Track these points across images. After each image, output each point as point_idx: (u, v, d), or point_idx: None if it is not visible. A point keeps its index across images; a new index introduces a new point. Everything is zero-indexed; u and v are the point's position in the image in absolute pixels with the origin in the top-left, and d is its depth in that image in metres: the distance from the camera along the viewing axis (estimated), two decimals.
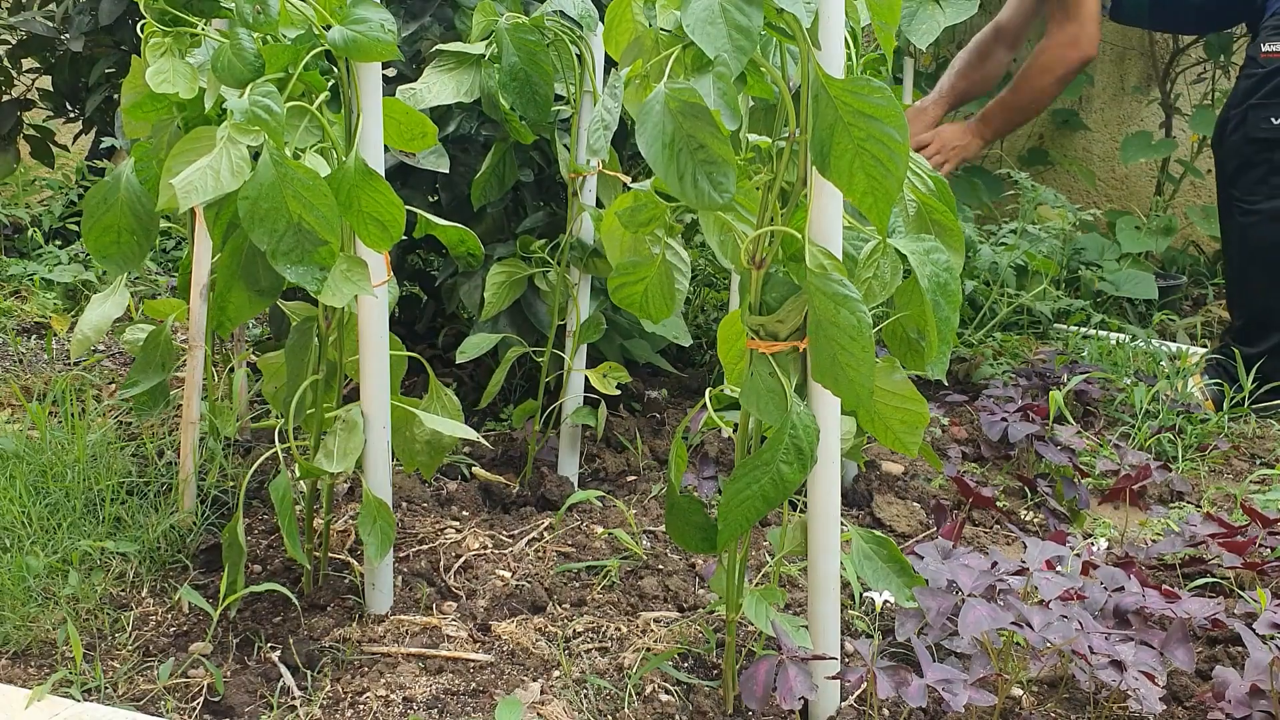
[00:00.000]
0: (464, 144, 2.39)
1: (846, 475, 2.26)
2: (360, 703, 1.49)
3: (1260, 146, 2.94)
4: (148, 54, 1.61)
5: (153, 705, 1.50)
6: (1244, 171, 2.96)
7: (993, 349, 3.14)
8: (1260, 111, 2.94)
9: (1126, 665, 1.40)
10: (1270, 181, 2.93)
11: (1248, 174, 2.96)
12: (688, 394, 2.76)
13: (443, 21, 2.42)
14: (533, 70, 1.95)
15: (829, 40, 1.24)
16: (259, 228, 1.38)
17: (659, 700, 1.52)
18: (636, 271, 1.51)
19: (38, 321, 3.20)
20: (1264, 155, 2.93)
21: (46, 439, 2.07)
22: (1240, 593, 1.81)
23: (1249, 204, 2.95)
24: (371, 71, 1.53)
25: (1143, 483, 2.24)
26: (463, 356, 2.12)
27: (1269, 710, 1.41)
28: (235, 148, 1.38)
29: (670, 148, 1.17)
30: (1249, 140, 2.95)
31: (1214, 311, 3.86)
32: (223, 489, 2.03)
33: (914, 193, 1.39)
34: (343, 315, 1.67)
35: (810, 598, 1.45)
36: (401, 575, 1.81)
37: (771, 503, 1.29)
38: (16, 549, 1.76)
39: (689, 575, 1.87)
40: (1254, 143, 2.95)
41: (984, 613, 1.41)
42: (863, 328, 1.21)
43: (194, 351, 1.94)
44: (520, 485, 2.21)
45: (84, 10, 3.33)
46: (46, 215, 3.90)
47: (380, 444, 1.64)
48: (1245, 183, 2.95)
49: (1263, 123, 2.93)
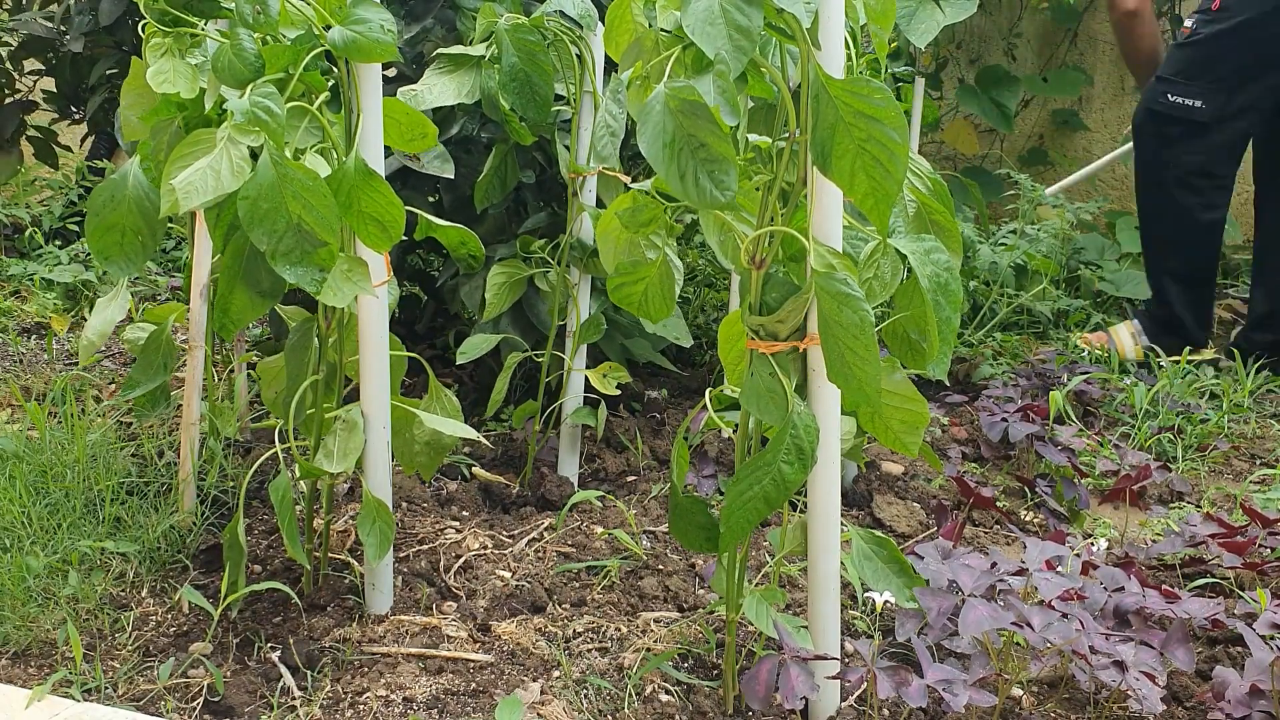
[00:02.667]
0: (467, 145, 2.39)
1: (846, 475, 2.26)
2: (360, 703, 1.49)
3: (1157, 119, 3.05)
4: (148, 54, 1.61)
5: (153, 705, 1.50)
6: (1143, 142, 3.09)
7: (993, 349, 3.14)
8: (1160, 85, 3.05)
9: (1127, 665, 1.40)
10: (1161, 156, 3.05)
11: (1146, 144, 3.09)
12: (688, 394, 2.77)
13: (444, 24, 2.42)
14: (533, 71, 1.95)
15: (829, 40, 1.24)
16: (258, 228, 1.38)
17: (659, 700, 1.52)
18: (636, 272, 1.51)
19: (38, 321, 3.20)
20: (1160, 128, 3.05)
21: (46, 439, 2.07)
22: (1240, 593, 1.81)
23: (1139, 176, 3.11)
24: (371, 72, 1.53)
25: (1143, 483, 2.24)
26: (463, 358, 2.13)
27: (1269, 710, 1.41)
28: (236, 148, 1.38)
29: (671, 147, 1.17)
30: (1149, 111, 3.07)
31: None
32: (223, 489, 2.03)
33: (913, 193, 1.39)
34: (343, 316, 1.67)
35: (810, 598, 1.45)
36: (401, 575, 1.81)
37: (773, 503, 1.30)
38: (16, 549, 1.76)
39: (689, 575, 1.87)
40: (1153, 114, 3.06)
41: (984, 613, 1.41)
42: (865, 326, 1.21)
43: (194, 352, 1.94)
44: (520, 485, 2.21)
45: (84, 11, 3.33)
46: (47, 215, 3.90)
47: (380, 444, 1.64)
48: (1143, 152, 3.09)
49: (1160, 97, 3.04)
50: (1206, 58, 2.99)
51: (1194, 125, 3.01)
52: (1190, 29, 3.04)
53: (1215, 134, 3.02)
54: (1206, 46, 2.99)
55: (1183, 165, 3.05)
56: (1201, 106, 2.99)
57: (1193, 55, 3.02)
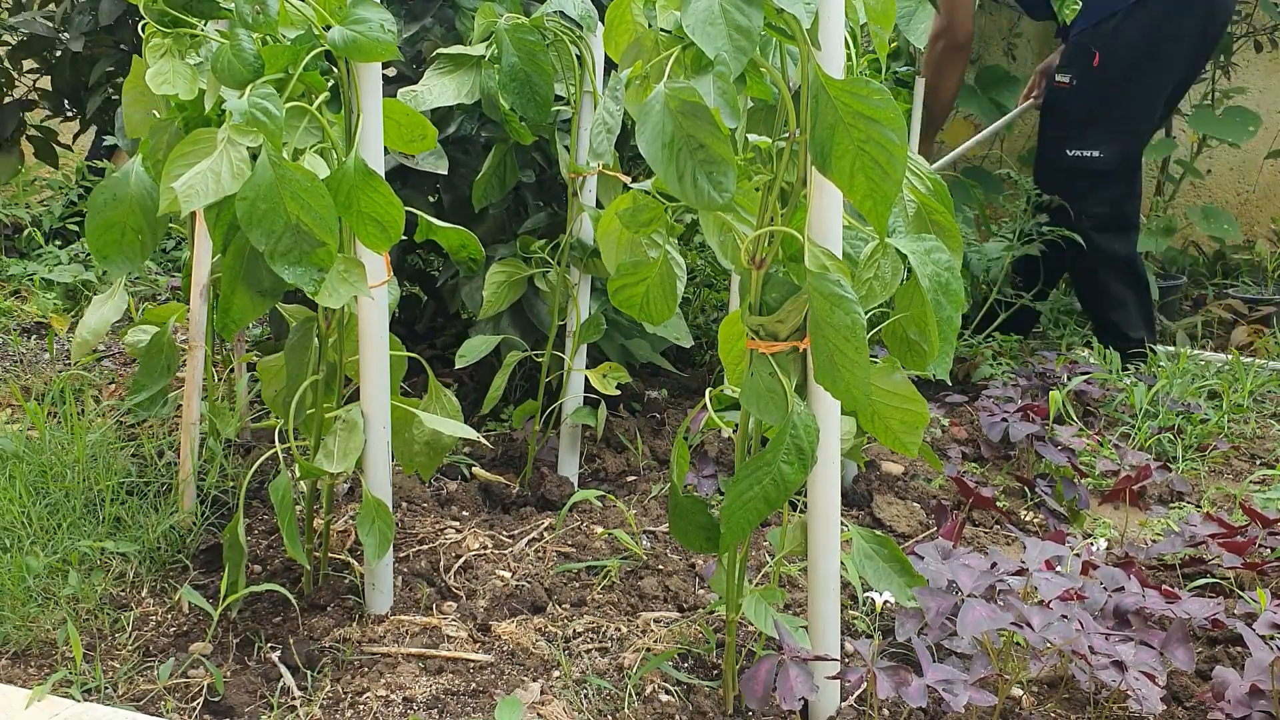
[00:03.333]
0: (464, 145, 2.39)
1: (846, 475, 2.26)
2: (360, 703, 1.49)
3: (1064, 175, 3.12)
4: (148, 55, 1.61)
5: (153, 705, 1.50)
6: (1072, 196, 3.12)
7: (992, 349, 3.14)
8: (1055, 145, 3.13)
9: (1127, 665, 1.40)
10: (1076, 208, 3.11)
11: (1073, 195, 3.12)
12: (688, 394, 2.77)
13: (444, 23, 2.42)
14: (533, 71, 1.95)
15: (829, 41, 1.24)
16: (257, 229, 1.38)
17: (659, 700, 1.52)
18: (638, 272, 1.51)
19: (38, 321, 3.20)
20: (1068, 183, 3.12)
21: (46, 439, 2.07)
22: (1240, 593, 1.81)
23: (1090, 220, 3.14)
24: (371, 72, 1.53)
25: (1143, 483, 2.24)
26: (462, 361, 2.12)
27: (1269, 710, 1.41)
28: (235, 149, 1.38)
29: (670, 148, 1.17)
30: (1057, 170, 3.14)
31: (1214, 312, 3.86)
32: (223, 489, 2.03)
33: (913, 193, 1.39)
34: (343, 316, 1.67)
35: (810, 598, 1.45)
36: (401, 575, 1.81)
37: (773, 503, 1.30)
38: (16, 549, 1.76)
39: (689, 575, 1.87)
40: (1059, 172, 3.13)
41: (984, 613, 1.40)
42: (856, 329, 1.21)
43: (194, 352, 1.94)
44: (520, 485, 2.21)
45: (84, 10, 3.34)
46: (46, 215, 3.90)
47: (380, 444, 1.64)
48: (1076, 204, 3.13)
49: (1061, 153, 3.12)
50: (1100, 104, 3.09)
51: (1096, 175, 3.11)
52: (1062, 82, 3.11)
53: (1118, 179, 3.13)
54: (1090, 96, 3.08)
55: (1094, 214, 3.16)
56: (1099, 156, 3.09)
57: (1084, 105, 3.10)
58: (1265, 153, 4.35)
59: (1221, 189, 4.53)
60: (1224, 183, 4.53)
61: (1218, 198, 4.53)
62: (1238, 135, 4.03)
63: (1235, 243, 4.35)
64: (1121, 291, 3.20)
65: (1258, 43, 4.20)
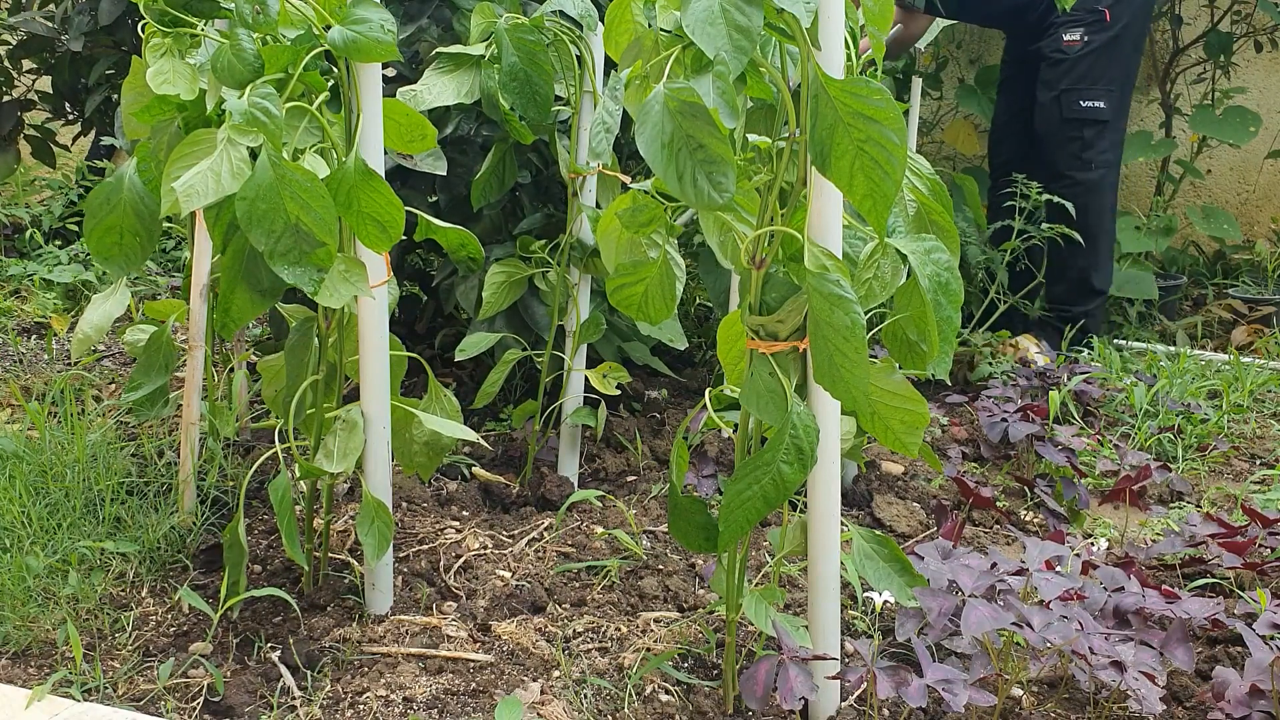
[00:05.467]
0: (462, 145, 2.39)
1: (846, 475, 2.26)
2: (360, 703, 1.49)
3: (1073, 125, 3.37)
4: (148, 55, 1.61)
5: (153, 705, 1.50)
6: (1062, 147, 3.39)
7: (992, 349, 3.14)
8: (1068, 97, 3.37)
9: (1126, 665, 1.40)
10: (1083, 156, 3.37)
11: (1065, 149, 3.38)
12: (687, 394, 2.77)
13: (440, 23, 2.42)
14: (533, 70, 1.95)
15: (829, 41, 1.24)
16: (256, 229, 1.38)
17: (659, 700, 1.52)
18: (637, 272, 1.51)
19: (38, 321, 3.20)
20: (1076, 132, 3.37)
21: (46, 439, 2.07)
22: (1240, 593, 1.81)
23: (1070, 178, 3.37)
24: (371, 72, 1.53)
25: (1143, 483, 2.24)
26: (462, 355, 2.13)
27: (1269, 710, 1.41)
28: (235, 149, 1.38)
29: (670, 148, 1.17)
30: (1065, 120, 3.37)
31: (1214, 311, 3.86)
32: (223, 489, 2.03)
33: (913, 193, 1.39)
34: (343, 316, 1.67)
35: (810, 598, 1.45)
36: (401, 575, 1.81)
37: (772, 503, 1.30)
38: (16, 549, 1.76)
39: (689, 575, 1.87)
40: (1068, 122, 3.37)
41: (984, 613, 1.40)
42: (856, 329, 1.21)
43: (194, 352, 1.94)
44: (520, 485, 2.21)
45: (83, 10, 3.34)
46: (46, 215, 3.90)
47: (380, 444, 1.64)
48: (1064, 159, 3.37)
49: (1073, 104, 3.36)
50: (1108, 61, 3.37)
51: (1101, 123, 3.38)
52: (1072, 40, 3.38)
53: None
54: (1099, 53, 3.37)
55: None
56: (1103, 106, 3.37)
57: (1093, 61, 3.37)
58: (1265, 153, 4.35)
59: (1221, 189, 4.53)
60: (1224, 183, 4.53)
61: (1218, 198, 4.53)
62: (1238, 135, 4.03)
63: (1235, 243, 4.35)
64: (1106, 242, 3.45)
65: (1258, 43, 4.20)
